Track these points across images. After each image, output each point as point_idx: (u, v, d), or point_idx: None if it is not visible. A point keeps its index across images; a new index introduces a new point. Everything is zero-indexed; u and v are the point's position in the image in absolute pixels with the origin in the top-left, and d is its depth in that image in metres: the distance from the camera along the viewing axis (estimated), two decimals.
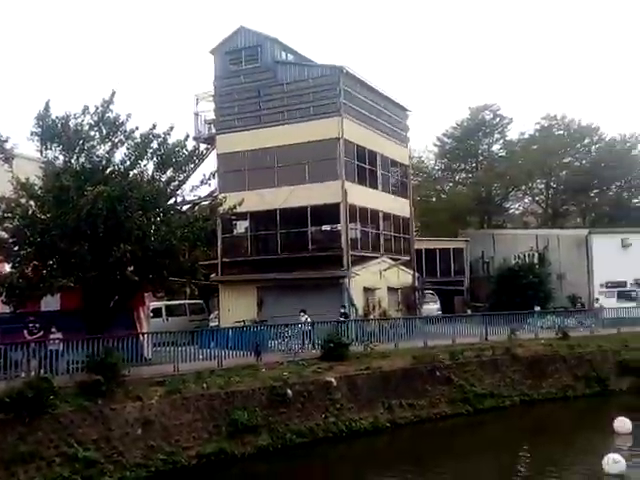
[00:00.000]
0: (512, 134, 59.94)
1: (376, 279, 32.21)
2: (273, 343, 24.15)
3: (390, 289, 33.54)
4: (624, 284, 36.74)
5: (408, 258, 36.60)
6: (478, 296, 42.35)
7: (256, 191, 31.20)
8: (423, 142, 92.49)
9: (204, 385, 19.27)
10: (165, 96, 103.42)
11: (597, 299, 34.90)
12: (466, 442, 21.10)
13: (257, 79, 32.63)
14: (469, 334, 28.09)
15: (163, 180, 22.07)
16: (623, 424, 20.31)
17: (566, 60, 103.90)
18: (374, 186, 34.48)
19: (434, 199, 58.99)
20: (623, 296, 36.34)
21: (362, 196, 32.33)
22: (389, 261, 34.10)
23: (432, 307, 37.00)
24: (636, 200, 56.46)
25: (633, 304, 35.12)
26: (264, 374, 20.96)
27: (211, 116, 34.86)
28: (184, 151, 22.35)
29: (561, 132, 57.11)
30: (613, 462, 16.09)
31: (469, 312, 35.26)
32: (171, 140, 22.11)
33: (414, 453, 19.85)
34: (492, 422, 23.42)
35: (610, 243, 37.00)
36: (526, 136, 57.98)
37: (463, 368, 24.69)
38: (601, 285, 36.43)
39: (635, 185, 55.60)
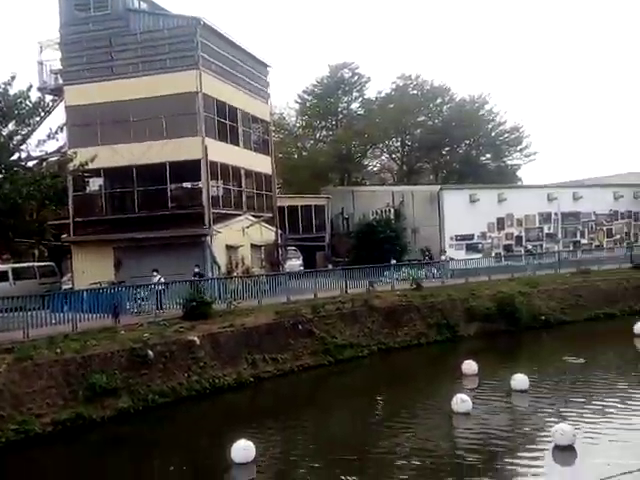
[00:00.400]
0: (370, 93, 61.42)
1: (239, 237, 32.14)
2: (132, 305, 23.50)
3: (253, 246, 33.64)
4: (472, 237, 39.36)
5: (271, 215, 36.78)
6: (339, 251, 43.58)
7: (110, 146, 29.76)
8: (284, 99, 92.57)
9: (58, 350, 18.42)
10: (4, 42, 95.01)
11: (444, 251, 37.02)
12: (327, 392, 21.93)
13: (108, 27, 30.78)
14: (330, 288, 28.93)
15: (4, 134, 20.47)
16: (470, 366, 21.95)
17: (419, 21, 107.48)
18: (235, 143, 34.07)
19: (296, 156, 59.38)
20: (471, 248, 38.97)
21: (223, 153, 31.86)
22: (252, 218, 34.09)
23: (295, 263, 37.62)
24: (483, 158, 60.18)
25: (479, 255, 37.80)
26: (123, 336, 20.39)
27: (57, 66, 32.54)
28: (27, 103, 20.85)
29: (415, 92, 59.24)
30: (461, 402, 17.34)
31: (330, 267, 36.26)
32: (12, 91, 20.49)
33: (278, 405, 20.31)
34: (352, 371, 24.47)
35: (459, 199, 39.39)
36: (383, 95, 59.64)
37: (324, 321, 25.45)
38: (451, 238, 38.78)
39: (482, 143, 59.16)
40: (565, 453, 13.74)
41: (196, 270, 27.24)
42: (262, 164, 36.89)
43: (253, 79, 36.78)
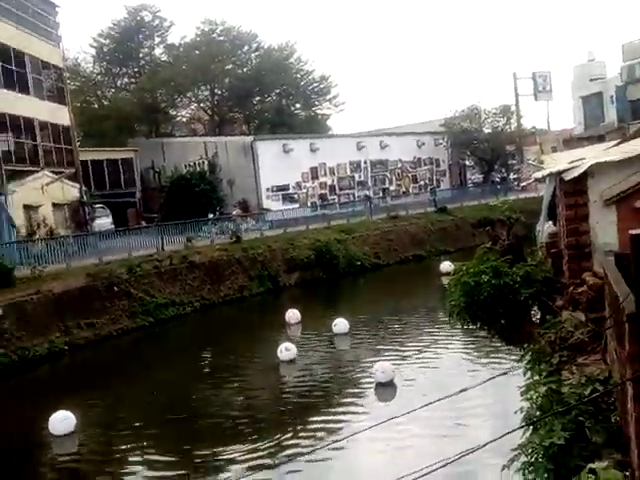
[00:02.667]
0: (174, 38, 59.45)
1: (38, 195, 30.00)
2: None
3: (56, 205, 31.63)
4: (287, 187, 40.27)
5: (73, 171, 34.66)
6: (152, 207, 42.41)
7: None
8: (78, 42, 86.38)
9: None
10: None
11: (234, 206, 36.83)
12: (150, 353, 21.65)
13: None
14: (145, 246, 28.26)
15: None
16: (293, 315, 22.86)
17: None
18: (25, 91, 31.40)
19: (96, 106, 56.07)
20: (287, 198, 39.90)
21: (11, 103, 29.30)
22: (51, 175, 31.91)
23: (104, 221, 35.95)
24: (294, 107, 61.16)
25: (296, 205, 38.88)
26: None
27: None
28: None
29: (222, 38, 58.22)
30: (285, 350, 18.11)
31: (143, 224, 35.23)
32: None
33: (97, 372, 19.66)
34: (175, 330, 24.37)
35: (273, 149, 39.95)
36: (188, 41, 57.92)
37: (142, 280, 24.91)
38: (267, 189, 39.35)
39: (293, 93, 59.96)
40: (386, 389, 14.98)
41: None
42: (58, 115, 34.40)
43: (40, 20, 33.85)
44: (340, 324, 20.57)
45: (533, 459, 5.88)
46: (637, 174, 8.76)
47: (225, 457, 12.25)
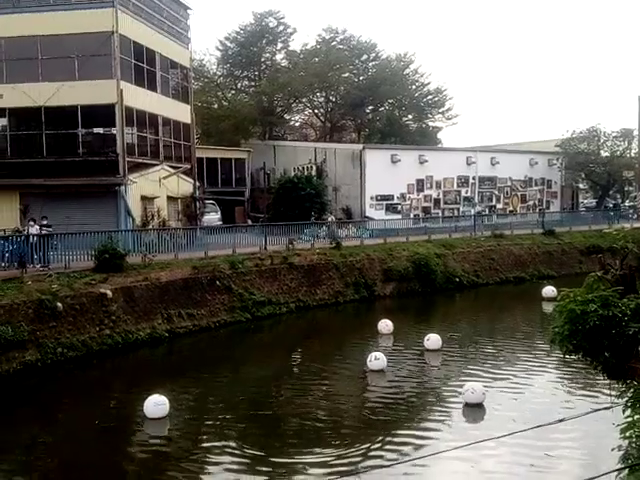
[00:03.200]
0: (295, 45, 60.70)
1: (155, 187, 31.37)
2: (39, 255, 22.62)
3: (170, 198, 32.95)
4: (392, 197, 40.06)
5: (189, 166, 36.03)
6: (259, 207, 43.39)
7: (15, 85, 28.15)
8: (204, 45, 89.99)
9: None
10: None
11: (329, 213, 36.34)
12: (244, 348, 22.08)
13: None
14: (249, 244, 28.81)
15: None
16: (386, 325, 22.65)
17: None
18: (153, 88, 32.93)
19: (216, 106, 58.02)
20: (390, 209, 39.70)
21: (140, 98, 30.76)
22: (169, 169, 33.30)
23: (213, 217, 37.17)
24: (406, 118, 60.79)
25: (398, 216, 38.58)
26: (30, 287, 19.71)
27: None
28: None
29: (341, 47, 58.83)
30: (375, 359, 17.96)
31: (249, 222, 36.01)
32: None
33: (193, 361, 20.32)
34: (269, 328, 24.77)
35: (381, 158, 39.86)
36: (308, 47, 58.89)
37: (243, 277, 25.46)
38: (371, 198, 39.30)
39: (406, 104, 59.61)
40: (475, 410, 14.53)
41: (44, 222, 24.40)
42: (181, 112, 35.91)
43: (173, 22, 35.48)
44: (432, 339, 20.18)
45: None
46: None
47: (304, 460, 12.25)
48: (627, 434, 6.33)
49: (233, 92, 61.22)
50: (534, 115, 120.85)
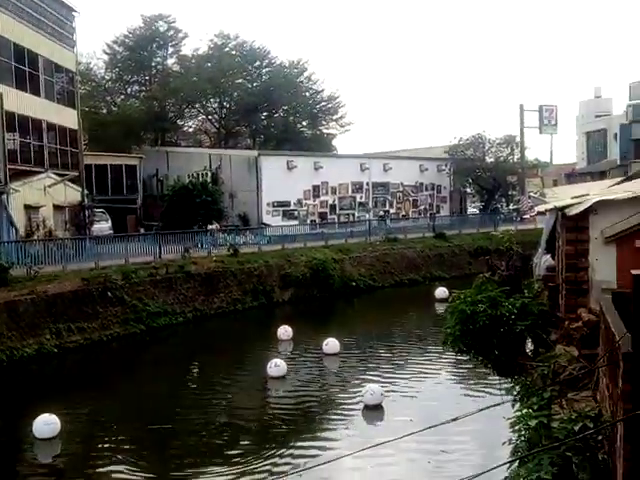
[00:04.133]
0: (186, 49, 59.66)
1: (40, 196, 29.95)
2: None
3: (56, 207, 31.56)
4: (288, 204, 40.26)
5: (76, 174, 34.64)
6: (152, 215, 42.34)
7: None
8: (91, 48, 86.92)
9: None
10: None
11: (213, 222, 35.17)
12: (139, 361, 21.49)
13: None
14: (143, 253, 28.17)
15: None
16: (285, 331, 22.70)
17: None
18: (36, 92, 31.45)
19: (105, 111, 56.19)
20: (287, 215, 39.87)
21: (22, 103, 29.32)
22: (55, 177, 31.87)
23: (103, 226, 35.86)
24: (301, 125, 61.34)
25: (296, 223, 38.82)
26: None
27: None
28: None
29: (234, 52, 58.56)
30: (275, 366, 18.00)
31: (142, 231, 35.09)
32: None
33: (85, 377, 19.54)
34: (166, 339, 24.20)
35: (277, 165, 39.98)
36: (200, 53, 58.26)
37: (136, 287, 24.78)
38: (268, 204, 39.32)
39: (300, 111, 60.14)
40: (374, 412, 14.83)
41: None
42: (67, 117, 34.47)
43: (57, 24, 34.04)
44: (331, 344, 20.43)
45: None
46: (639, 214, 8.72)
47: (202, 478, 12.01)
48: (516, 428, 6.66)
49: (123, 97, 59.53)
50: (424, 122, 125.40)
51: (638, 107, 40.77)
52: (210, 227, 33.92)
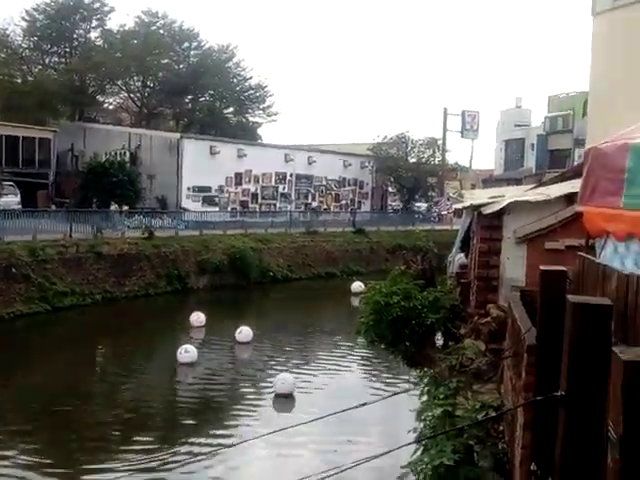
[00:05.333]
0: (112, 24, 57.76)
1: None
2: None
3: None
4: (209, 189, 39.71)
5: None
6: (64, 191, 40.81)
7: None
8: (8, 12, 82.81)
9: None
10: None
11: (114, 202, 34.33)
12: (42, 342, 20.63)
13: None
14: (53, 230, 27.11)
15: None
16: (198, 318, 22.44)
17: None
18: None
19: (20, 80, 53.68)
20: (208, 201, 39.31)
21: None
22: None
23: (11, 200, 34.20)
24: (227, 111, 60.63)
25: (216, 209, 38.34)
26: None
27: None
28: None
29: (162, 32, 57.21)
30: (185, 352, 17.75)
31: (53, 207, 33.80)
32: None
33: None
34: (72, 320, 23.41)
35: (200, 149, 39.35)
36: (126, 28, 56.52)
37: (43, 265, 23.93)
38: (188, 189, 38.64)
39: (227, 96, 59.42)
40: (285, 401, 14.87)
41: None
42: None
43: None
44: (244, 332, 20.32)
45: (421, 478, 5.92)
46: (549, 217, 9.11)
47: (106, 467, 11.64)
48: (422, 417, 6.82)
49: (40, 67, 56.98)
50: (350, 118, 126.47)
51: (555, 120, 42.52)
52: (111, 207, 32.85)
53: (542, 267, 5.27)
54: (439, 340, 9.49)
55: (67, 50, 56.77)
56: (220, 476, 11.09)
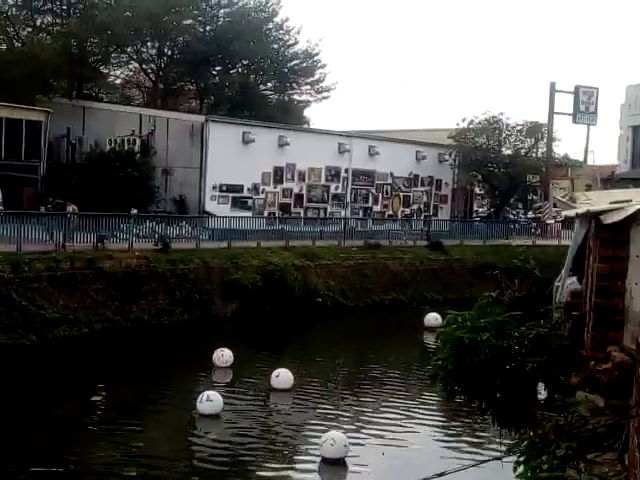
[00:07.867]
0: None
1: None
2: None
3: None
4: (241, 189, 40.11)
5: None
6: (57, 189, 41.88)
7: None
8: None
9: None
10: None
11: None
12: (27, 383, 21.05)
13: None
14: (42, 240, 27.89)
15: None
16: (223, 356, 22.71)
17: None
18: None
19: (5, 47, 55.47)
20: (238, 204, 39.68)
21: None
22: None
23: None
24: (264, 87, 61.26)
25: (249, 214, 38.67)
26: None
27: None
28: None
29: None
30: (207, 400, 18.00)
31: (43, 210, 34.71)
32: None
33: None
34: (63, 357, 23.74)
35: (230, 136, 39.78)
36: None
37: (29, 284, 24.66)
38: (214, 188, 39.11)
39: (265, 68, 59.97)
40: (334, 468, 14.87)
41: None
42: None
43: None
44: (282, 376, 20.50)
45: None
46: None
47: None
48: None
49: (30, 30, 58.72)
50: (425, 98, 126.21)
51: None
52: (68, 208, 33.39)
53: None
54: (542, 392, 9.35)
55: (64, 8, 58.26)
56: None
